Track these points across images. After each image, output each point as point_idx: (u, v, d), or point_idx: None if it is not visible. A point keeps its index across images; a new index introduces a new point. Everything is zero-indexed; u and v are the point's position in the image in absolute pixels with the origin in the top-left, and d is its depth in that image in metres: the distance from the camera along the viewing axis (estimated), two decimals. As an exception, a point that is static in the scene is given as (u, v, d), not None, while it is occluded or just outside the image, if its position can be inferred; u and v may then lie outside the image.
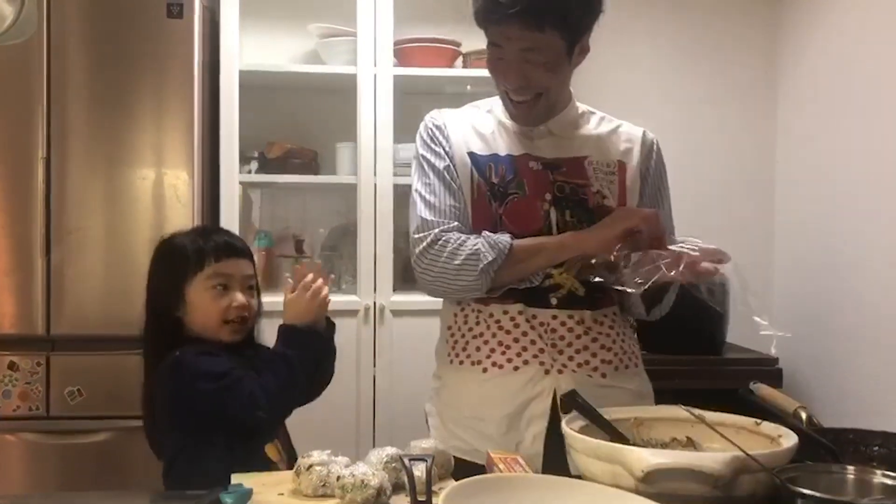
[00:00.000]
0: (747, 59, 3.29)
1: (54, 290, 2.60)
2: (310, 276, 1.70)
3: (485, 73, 2.81)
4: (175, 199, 2.64)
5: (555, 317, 1.51)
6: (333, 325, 1.76)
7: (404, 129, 2.81)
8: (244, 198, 3.03)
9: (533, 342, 1.50)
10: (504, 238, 1.46)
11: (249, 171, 2.92)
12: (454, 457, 1.38)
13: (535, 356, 1.50)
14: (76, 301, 2.62)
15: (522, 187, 1.53)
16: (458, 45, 2.95)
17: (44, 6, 2.55)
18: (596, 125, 1.63)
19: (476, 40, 3.07)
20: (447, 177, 1.55)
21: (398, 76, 2.85)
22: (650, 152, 1.62)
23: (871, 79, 2.68)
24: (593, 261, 1.44)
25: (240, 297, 1.68)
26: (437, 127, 1.60)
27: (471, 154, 1.56)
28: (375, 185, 2.83)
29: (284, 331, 1.67)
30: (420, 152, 1.60)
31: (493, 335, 1.53)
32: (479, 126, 1.60)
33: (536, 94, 1.49)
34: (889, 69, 2.58)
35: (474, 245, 1.47)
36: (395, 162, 2.84)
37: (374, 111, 2.83)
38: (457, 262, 1.47)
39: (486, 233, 1.49)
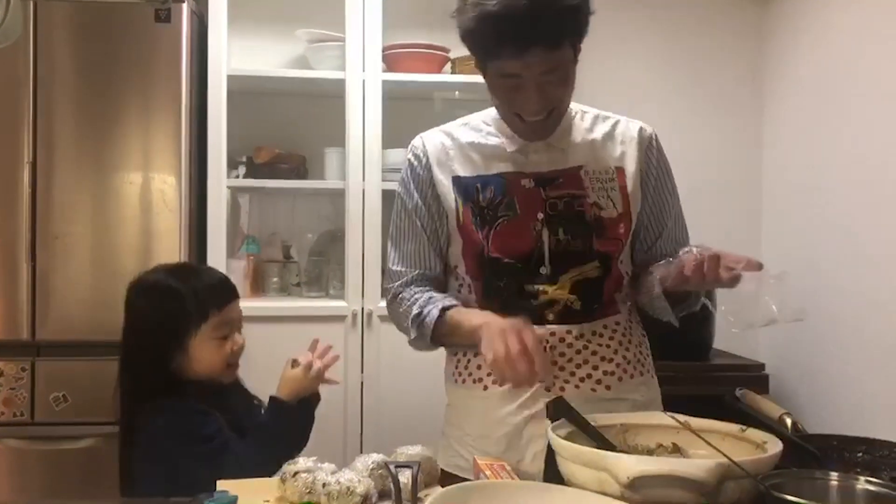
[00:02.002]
0: (733, 66, 3.31)
1: (40, 295, 2.59)
2: (316, 357, 1.74)
3: (473, 78, 2.86)
4: (162, 203, 2.63)
5: (553, 333, 1.48)
6: (319, 397, 1.79)
7: (393, 134, 2.81)
8: (232, 203, 3.02)
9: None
10: (433, 313, 1.49)
11: (237, 176, 2.91)
12: (457, 476, 1.37)
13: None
14: (62, 306, 2.60)
15: (513, 207, 1.49)
16: (447, 51, 2.96)
17: (30, 10, 2.54)
18: (590, 128, 1.57)
19: (464, 47, 3.10)
20: (415, 217, 1.56)
21: (387, 81, 2.85)
22: (649, 149, 1.57)
23: (856, 85, 2.70)
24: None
25: (239, 340, 1.70)
26: (416, 157, 1.57)
27: (456, 179, 1.53)
28: (364, 190, 2.83)
29: (277, 406, 1.69)
30: (398, 189, 1.60)
31: None
32: (467, 147, 1.55)
33: (550, 110, 1.45)
34: (875, 74, 2.60)
35: (409, 316, 1.52)
36: (383, 167, 2.84)
37: (363, 116, 2.83)
38: (404, 327, 1.57)
39: (426, 302, 1.51)
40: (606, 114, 1.61)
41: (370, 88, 2.83)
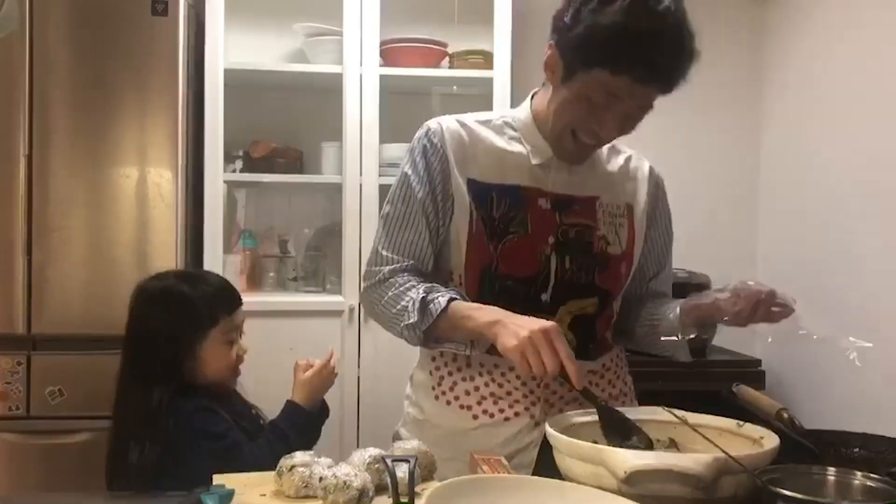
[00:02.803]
0: (731, 67, 3.29)
1: (35, 289, 2.58)
2: (331, 357, 1.80)
3: (471, 73, 2.87)
4: (159, 197, 2.62)
5: None
6: (328, 410, 1.83)
7: (390, 128, 2.81)
8: (228, 197, 3.01)
9: (525, 396, 1.44)
10: (442, 300, 1.36)
11: (234, 171, 2.90)
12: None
13: (526, 409, 1.44)
14: (58, 300, 2.59)
15: (525, 225, 1.42)
16: (445, 45, 2.94)
17: (26, 2, 2.52)
18: (606, 159, 1.54)
19: (462, 41, 3.10)
20: (420, 208, 1.43)
21: (384, 76, 2.84)
22: (657, 192, 1.56)
23: (855, 86, 2.70)
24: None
25: (244, 345, 1.74)
26: (433, 144, 1.44)
27: (471, 181, 1.43)
28: (361, 185, 2.83)
29: (292, 410, 1.73)
30: (405, 169, 1.46)
31: (486, 384, 1.45)
32: (487, 147, 1.46)
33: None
34: (873, 75, 2.60)
35: (409, 300, 1.38)
36: (380, 162, 2.84)
37: (360, 111, 2.82)
38: (392, 311, 1.41)
39: (429, 290, 1.38)
40: (619, 147, 1.57)
41: (367, 83, 2.82)
